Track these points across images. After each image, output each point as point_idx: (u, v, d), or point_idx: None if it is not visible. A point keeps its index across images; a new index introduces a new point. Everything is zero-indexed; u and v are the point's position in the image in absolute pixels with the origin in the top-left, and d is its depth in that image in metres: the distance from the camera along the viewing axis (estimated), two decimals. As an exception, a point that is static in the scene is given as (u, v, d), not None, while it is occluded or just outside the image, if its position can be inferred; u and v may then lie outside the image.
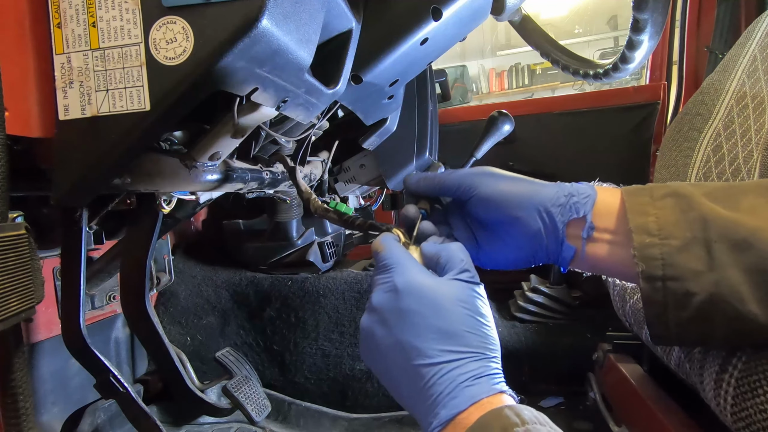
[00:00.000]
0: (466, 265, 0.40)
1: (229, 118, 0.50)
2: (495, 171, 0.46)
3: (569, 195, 0.42)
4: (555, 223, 0.42)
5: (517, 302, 1.30)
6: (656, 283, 0.37)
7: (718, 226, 0.36)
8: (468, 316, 0.37)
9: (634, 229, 0.38)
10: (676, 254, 0.36)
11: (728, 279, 0.35)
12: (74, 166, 0.42)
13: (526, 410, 0.33)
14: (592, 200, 0.41)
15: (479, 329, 0.37)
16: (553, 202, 0.42)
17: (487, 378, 0.35)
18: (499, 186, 0.43)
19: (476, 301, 0.38)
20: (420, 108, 1.06)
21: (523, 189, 0.43)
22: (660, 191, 0.40)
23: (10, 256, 0.42)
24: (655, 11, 0.65)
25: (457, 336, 0.36)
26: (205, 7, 0.37)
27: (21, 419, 0.49)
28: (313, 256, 1.24)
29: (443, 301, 0.37)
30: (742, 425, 0.39)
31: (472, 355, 0.36)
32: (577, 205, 0.41)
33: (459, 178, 0.45)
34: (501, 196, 0.43)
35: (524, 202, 0.42)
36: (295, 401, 1.15)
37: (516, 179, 0.44)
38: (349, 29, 0.53)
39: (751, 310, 0.34)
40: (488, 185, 0.44)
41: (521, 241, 0.44)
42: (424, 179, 0.47)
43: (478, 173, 0.45)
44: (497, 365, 0.37)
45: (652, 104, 1.47)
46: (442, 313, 0.37)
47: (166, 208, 0.66)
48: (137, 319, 0.73)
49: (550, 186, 0.43)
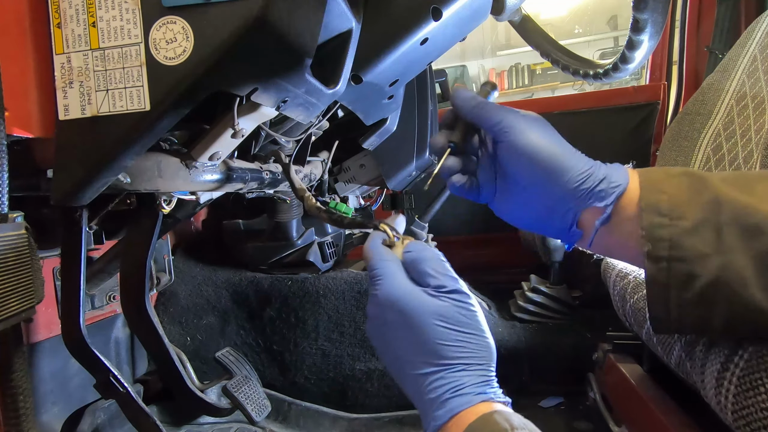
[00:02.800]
0: (441, 281, 0.39)
1: (229, 118, 0.50)
2: (540, 121, 0.42)
3: (599, 180, 0.39)
4: (570, 206, 0.40)
5: (517, 302, 1.30)
6: (661, 264, 0.36)
7: (731, 210, 0.35)
8: (442, 330, 0.38)
9: (644, 208, 0.37)
10: (685, 236, 0.36)
11: (734, 263, 0.35)
12: (74, 166, 0.42)
13: (515, 416, 0.34)
14: (621, 190, 0.39)
15: (457, 340, 0.38)
16: (580, 183, 0.39)
17: (471, 387, 0.36)
18: (537, 141, 0.40)
19: (454, 312, 0.38)
20: (420, 108, 1.06)
21: (558, 155, 0.40)
22: (676, 170, 0.39)
23: (10, 256, 0.42)
24: (655, 11, 0.65)
25: (432, 350, 0.37)
26: (205, 7, 0.37)
27: (21, 419, 0.49)
28: (313, 256, 1.24)
29: (418, 316, 0.38)
30: (743, 423, 0.39)
31: (449, 366, 0.37)
32: (602, 194, 0.39)
33: (502, 114, 0.41)
34: (534, 154, 0.40)
35: (553, 172, 0.39)
36: (295, 401, 1.15)
37: (555, 141, 0.41)
38: (349, 29, 0.53)
39: (754, 294, 0.34)
40: (526, 136, 0.40)
41: (537, 205, 0.42)
42: (471, 98, 0.43)
43: (521, 116, 0.42)
44: (482, 372, 0.37)
45: (652, 104, 1.48)
46: (416, 328, 0.38)
47: (166, 208, 0.66)
48: (137, 319, 0.73)
49: (584, 164, 0.40)
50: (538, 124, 0.41)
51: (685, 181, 0.38)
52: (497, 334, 1.19)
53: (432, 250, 0.42)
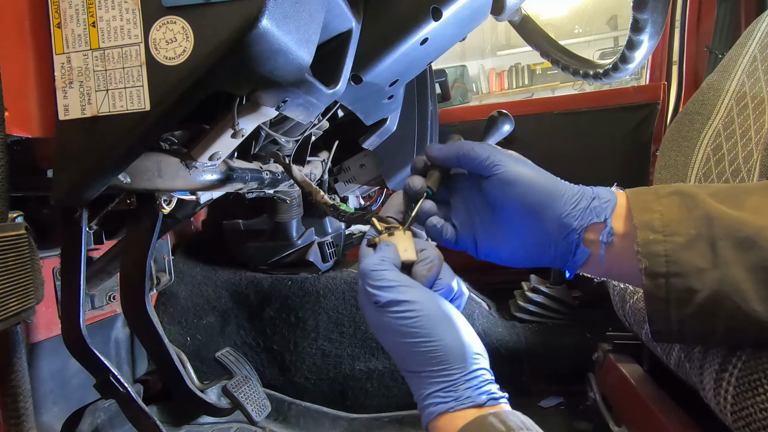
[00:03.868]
0: (377, 296, 0.38)
1: (229, 119, 0.50)
2: (523, 158, 0.44)
3: (591, 198, 0.41)
4: (573, 226, 0.41)
5: (517, 302, 1.30)
6: (659, 280, 0.37)
7: (722, 224, 0.36)
8: (395, 343, 0.38)
9: (638, 226, 0.38)
10: (680, 251, 0.36)
11: (732, 277, 0.35)
12: (74, 166, 0.42)
13: (513, 416, 0.34)
14: (613, 205, 0.40)
15: (410, 351, 0.37)
16: (576, 204, 0.41)
17: (434, 397, 0.36)
18: (527, 172, 0.42)
19: (395, 326, 0.37)
20: (420, 108, 1.06)
21: (549, 183, 0.41)
22: (664, 190, 0.40)
23: (10, 256, 0.42)
24: (655, 11, 0.65)
25: (399, 359, 0.39)
26: (205, 7, 0.37)
27: (21, 419, 0.49)
28: (313, 256, 1.24)
29: (376, 331, 0.40)
30: (742, 424, 0.39)
31: (415, 374, 0.38)
32: (598, 209, 0.40)
33: (489, 150, 0.42)
34: (527, 183, 0.41)
35: (548, 197, 0.41)
36: (295, 401, 1.15)
37: (542, 172, 0.42)
38: (349, 29, 0.53)
39: (754, 308, 0.34)
40: (516, 167, 0.42)
41: (531, 238, 0.42)
42: (449, 146, 0.44)
43: (506, 153, 0.43)
44: (441, 378, 0.36)
45: (652, 104, 1.47)
46: (384, 340, 0.40)
47: (166, 208, 0.66)
48: (137, 319, 0.73)
49: (574, 187, 0.42)
50: (522, 158, 0.44)
51: (676, 199, 0.38)
52: (497, 334, 1.19)
53: (373, 259, 0.41)
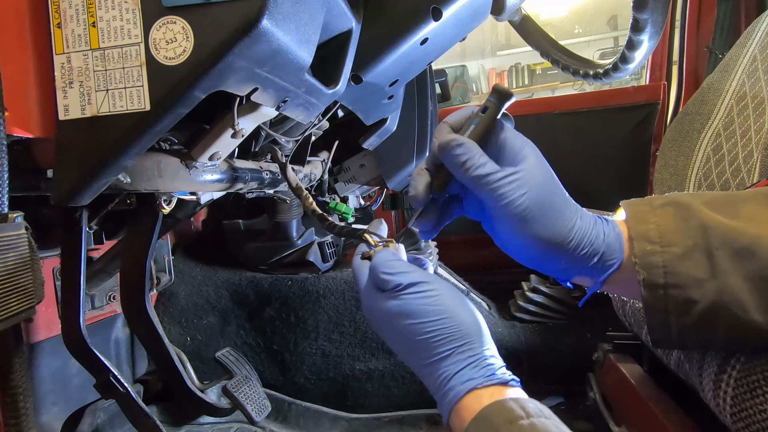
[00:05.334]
0: (395, 280, 0.38)
1: (229, 119, 0.50)
2: (536, 164, 0.39)
3: (595, 258, 0.39)
4: (568, 273, 0.41)
5: (517, 302, 1.30)
6: (658, 291, 0.37)
7: (718, 234, 0.36)
8: (413, 327, 0.37)
9: (635, 237, 0.38)
10: (677, 262, 0.36)
11: (730, 287, 0.35)
12: (74, 166, 0.42)
13: (531, 403, 0.33)
14: (614, 268, 0.39)
15: (430, 331, 0.37)
16: (575, 263, 0.39)
17: (458, 376, 0.36)
18: (532, 209, 0.38)
19: (415, 306, 0.37)
20: (420, 108, 1.06)
21: (557, 227, 0.38)
22: (659, 201, 0.40)
23: (10, 256, 0.42)
24: (655, 11, 0.65)
25: (413, 347, 0.38)
26: (205, 7, 0.37)
27: (21, 419, 0.49)
28: (313, 256, 1.24)
29: (387, 321, 0.39)
30: (742, 425, 0.39)
31: (435, 357, 0.37)
32: (594, 272, 0.39)
33: (496, 181, 0.38)
34: (532, 221, 0.38)
35: (553, 244, 0.39)
36: (295, 401, 1.15)
37: (550, 199, 0.39)
38: (349, 29, 0.53)
39: (753, 317, 0.34)
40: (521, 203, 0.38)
41: (532, 254, 0.42)
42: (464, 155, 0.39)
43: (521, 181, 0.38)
44: (468, 353, 0.36)
45: (652, 104, 1.47)
46: (393, 332, 0.39)
47: (166, 208, 0.66)
48: (137, 319, 0.73)
49: (583, 237, 0.38)
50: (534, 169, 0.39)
51: (670, 210, 0.38)
52: (497, 334, 1.19)
53: (384, 253, 0.41)
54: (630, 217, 0.39)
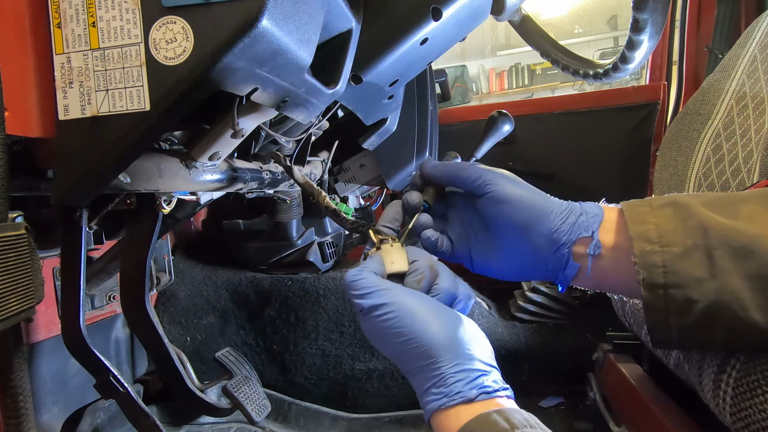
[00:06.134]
0: (360, 304, 0.39)
1: (229, 118, 0.50)
2: (514, 176, 0.46)
3: (579, 214, 0.42)
4: (562, 241, 0.42)
5: (517, 302, 1.30)
6: (658, 291, 0.37)
7: (718, 234, 0.36)
8: (383, 346, 0.39)
9: (634, 237, 0.38)
10: (677, 261, 0.36)
11: (730, 286, 0.35)
12: (74, 166, 0.42)
13: (517, 413, 0.33)
14: (600, 219, 0.42)
15: (396, 352, 0.38)
16: (564, 220, 0.42)
17: (425, 394, 0.37)
18: (518, 190, 0.43)
19: (378, 329, 0.38)
20: (420, 108, 1.06)
21: (538, 200, 0.43)
22: (658, 201, 0.40)
23: (10, 256, 0.42)
24: (655, 11, 0.65)
25: (399, 361, 0.39)
26: (205, 7, 0.37)
27: (21, 419, 0.49)
28: (313, 256, 1.24)
29: (372, 335, 0.40)
30: (742, 425, 0.39)
31: (414, 372, 0.38)
32: (586, 224, 0.41)
33: (480, 170, 0.44)
34: (519, 201, 0.43)
35: (538, 214, 0.42)
36: (295, 401, 1.15)
37: (533, 190, 0.44)
38: (349, 29, 0.53)
39: (753, 317, 0.34)
40: (507, 186, 0.43)
41: (523, 253, 0.44)
42: (443, 165, 0.47)
43: (498, 172, 0.45)
44: (426, 374, 0.37)
45: (652, 104, 1.47)
46: (378, 345, 0.40)
47: (166, 208, 0.66)
48: (137, 319, 0.73)
49: (562, 203, 0.43)
50: (512, 177, 0.45)
51: (670, 210, 0.39)
52: (497, 334, 1.19)
53: (353, 271, 0.41)
54: (629, 217, 0.40)
